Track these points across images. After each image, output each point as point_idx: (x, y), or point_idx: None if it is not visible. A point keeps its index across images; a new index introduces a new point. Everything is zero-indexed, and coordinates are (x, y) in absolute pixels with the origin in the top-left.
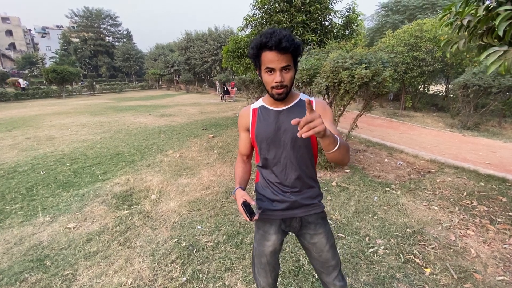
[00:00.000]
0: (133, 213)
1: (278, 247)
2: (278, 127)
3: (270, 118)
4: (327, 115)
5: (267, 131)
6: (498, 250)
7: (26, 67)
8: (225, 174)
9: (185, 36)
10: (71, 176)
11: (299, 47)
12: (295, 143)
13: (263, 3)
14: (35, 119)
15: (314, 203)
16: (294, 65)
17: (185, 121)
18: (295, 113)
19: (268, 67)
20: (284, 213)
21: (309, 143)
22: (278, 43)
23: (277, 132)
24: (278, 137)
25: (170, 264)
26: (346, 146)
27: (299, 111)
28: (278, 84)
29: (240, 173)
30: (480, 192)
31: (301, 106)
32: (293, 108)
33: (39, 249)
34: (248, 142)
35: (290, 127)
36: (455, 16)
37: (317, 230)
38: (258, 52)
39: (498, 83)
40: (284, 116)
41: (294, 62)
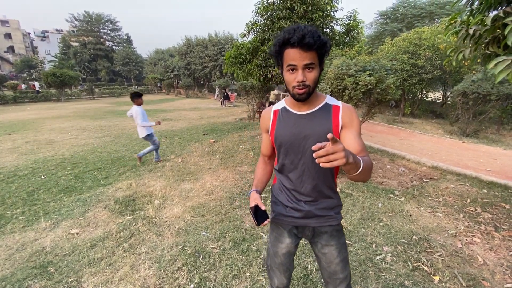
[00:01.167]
0: (136, 219)
1: (293, 250)
2: (298, 132)
3: (290, 122)
4: (354, 125)
5: (286, 135)
6: (504, 258)
7: (25, 70)
8: (228, 179)
9: (185, 41)
10: (72, 181)
11: (325, 44)
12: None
13: (266, 10)
14: (35, 123)
15: (329, 214)
16: (320, 64)
17: (186, 126)
18: (318, 119)
19: (290, 64)
20: (296, 221)
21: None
22: (301, 39)
23: (297, 137)
24: (297, 142)
25: (176, 271)
26: (368, 166)
27: (322, 116)
28: (300, 83)
29: (259, 174)
30: (484, 199)
31: (326, 110)
32: (316, 112)
33: (42, 255)
34: (269, 143)
35: (311, 133)
36: (460, 25)
37: (330, 241)
38: (280, 49)
39: (497, 91)
40: (306, 121)
41: (320, 60)
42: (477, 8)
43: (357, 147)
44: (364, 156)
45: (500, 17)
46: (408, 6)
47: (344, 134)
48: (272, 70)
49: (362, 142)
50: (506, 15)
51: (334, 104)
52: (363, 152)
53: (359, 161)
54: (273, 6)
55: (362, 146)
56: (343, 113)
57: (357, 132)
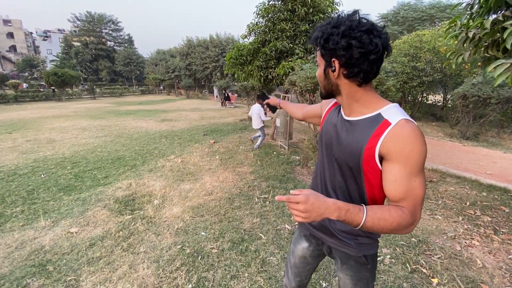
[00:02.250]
0: (136, 218)
1: (309, 258)
2: (333, 137)
3: (333, 122)
4: (402, 160)
5: (326, 134)
6: (503, 261)
7: (26, 69)
8: (227, 180)
9: (186, 42)
10: (72, 180)
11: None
12: (341, 165)
13: (267, 12)
14: (35, 122)
15: (347, 241)
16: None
17: (186, 126)
18: (357, 131)
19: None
20: (313, 231)
21: (359, 175)
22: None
23: (330, 142)
24: (329, 147)
25: (175, 271)
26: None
27: (363, 130)
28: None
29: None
30: (483, 202)
31: (372, 124)
32: (359, 123)
33: (41, 254)
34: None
35: (340, 145)
36: (460, 28)
37: (345, 270)
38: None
39: (497, 94)
40: (344, 128)
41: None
42: (476, 12)
43: (393, 192)
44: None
45: (500, 20)
46: (409, 9)
47: (385, 168)
48: (273, 72)
49: (407, 187)
50: (505, 18)
51: (386, 119)
52: (404, 202)
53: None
54: (274, 8)
55: (404, 194)
56: (388, 137)
57: (406, 172)
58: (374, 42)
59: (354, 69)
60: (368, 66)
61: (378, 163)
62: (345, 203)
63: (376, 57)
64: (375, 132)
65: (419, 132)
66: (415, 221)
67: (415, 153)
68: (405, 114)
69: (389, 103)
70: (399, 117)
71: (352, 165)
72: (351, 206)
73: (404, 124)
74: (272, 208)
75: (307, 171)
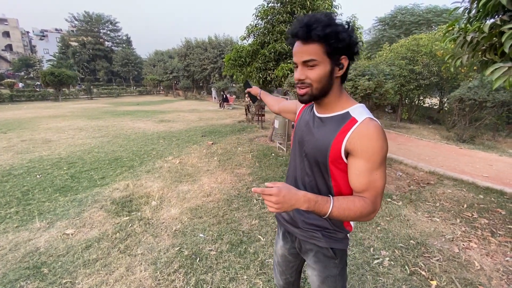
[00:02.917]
0: (133, 220)
1: (290, 257)
2: (305, 133)
3: (306, 119)
4: (365, 155)
5: (299, 131)
6: (501, 263)
7: (22, 69)
8: (226, 181)
9: (185, 43)
10: (68, 181)
11: (334, 35)
12: (310, 160)
13: (266, 14)
14: (31, 122)
15: (314, 233)
16: (332, 60)
17: (184, 127)
18: (327, 128)
19: (292, 61)
20: (286, 225)
21: (326, 170)
22: (298, 30)
23: (302, 138)
24: (301, 143)
25: (173, 273)
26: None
27: (332, 127)
28: (298, 81)
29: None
30: (480, 204)
31: (340, 121)
32: (330, 120)
33: (35, 256)
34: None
35: (311, 140)
36: (458, 32)
37: (313, 264)
38: (292, 42)
39: (493, 98)
40: (316, 124)
41: (331, 55)
42: (474, 16)
43: (356, 184)
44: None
45: (497, 25)
46: (406, 13)
47: (350, 163)
48: (271, 73)
49: (369, 180)
50: (503, 23)
51: (353, 117)
52: (366, 193)
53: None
54: (273, 10)
55: (366, 186)
56: (354, 134)
57: (368, 166)
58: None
59: (350, 65)
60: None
61: (344, 157)
62: (314, 195)
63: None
64: (342, 129)
65: (381, 130)
66: (376, 210)
67: (377, 150)
68: (370, 114)
69: (357, 103)
70: (364, 116)
71: (320, 160)
72: (320, 198)
73: (369, 122)
74: None
75: None
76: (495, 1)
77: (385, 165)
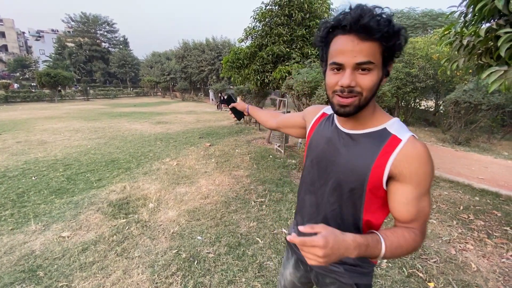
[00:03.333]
0: (130, 222)
1: (299, 285)
2: (330, 152)
3: (327, 134)
4: (415, 181)
5: (317, 149)
6: (497, 264)
7: (18, 69)
8: (223, 183)
9: (182, 45)
10: (64, 183)
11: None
12: (339, 185)
13: (264, 16)
14: (26, 123)
15: (335, 268)
16: (384, 65)
17: (182, 129)
18: (361, 147)
19: (334, 62)
20: (300, 254)
21: (360, 199)
22: (357, 20)
23: (326, 157)
24: (324, 164)
25: (170, 276)
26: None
27: (368, 146)
28: (344, 88)
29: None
30: (476, 206)
31: (378, 139)
32: (363, 137)
33: (31, 259)
34: (293, 122)
35: (342, 161)
36: (454, 36)
37: None
38: (327, 37)
39: (488, 101)
40: (344, 142)
41: (385, 59)
42: (470, 20)
43: (404, 214)
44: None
45: (493, 29)
46: (402, 16)
47: (395, 190)
48: (269, 76)
49: (417, 208)
50: (499, 27)
51: (395, 135)
52: (414, 223)
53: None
54: (271, 13)
55: (415, 215)
56: (400, 156)
57: (417, 193)
58: None
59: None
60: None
61: (384, 184)
62: (363, 237)
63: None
64: (383, 149)
65: (429, 152)
66: (424, 239)
67: (427, 174)
68: (409, 131)
69: (391, 117)
70: (407, 134)
71: (354, 186)
72: (370, 240)
73: (415, 142)
74: (269, 212)
75: None
76: (491, 5)
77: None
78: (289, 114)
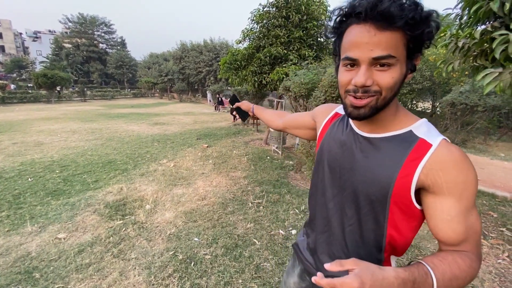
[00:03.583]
0: (127, 224)
1: None
2: (346, 158)
3: (340, 137)
4: (457, 193)
5: (330, 154)
6: (493, 265)
7: (15, 70)
8: (221, 184)
9: (180, 46)
10: (60, 184)
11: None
12: (357, 197)
13: (262, 18)
14: (23, 124)
15: None
16: (408, 59)
17: (179, 130)
18: (384, 152)
19: (347, 57)
20: (307, 265)
21: (383, 213)
22: (374, 5)
23: (340, 164)
24: (338, 170)
25: (167, 277)
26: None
27: (392, 152)
28: (358, 87)
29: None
30: None
31: (404, 144)
32: (386, 141)
33: (27, 261)
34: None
35: (361, 170)
36: (450, 38)
37: None
38: (340, 27)
39: (484, 102)
40: (361, 147)
41: (409, 51)
42: (466, 22)
43: (450, 234)
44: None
45: (488, 31)
46: None
47: (433, 205)
48: (267, 77)
49: (466, 226)
50: (494, 29)
51: (423, 139)
52: (466, 245)
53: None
54: (268, 15)
55: (465, 234)
56: (432, 163)
57: (462, 206)
58: None
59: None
60: None
61: (413, 196)
62: (408, 270)
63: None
64: (410, 155)
65: (467, 156)
66: (480, 263)
67: (470, 183)
68: (440, 133)
69: (418, 118)
70: (438, 137)
71: (376, 198)
72: (416, 274)
73: (450, 146)
74: (266, 213)
75: (301, 176)
76: (486, 7)
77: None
78: (296, 114)
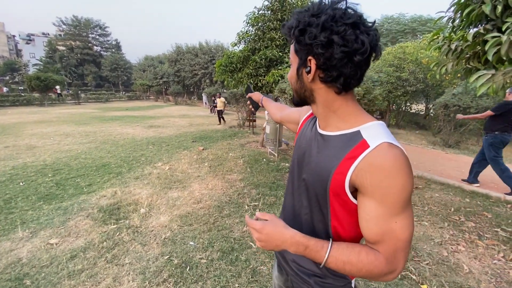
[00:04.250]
0: (121, 228)
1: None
2: (307, 153)
3: (307, 134)
4: (378, 195)
5: (299, 149)
6: (488, 266)
7: (7, 73)
8: (216, 187)
9: (175, 48)
10: (53, 188)
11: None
12: (308, 188)
13: (257, 21)
14: (15, 127)
15: (305, 278)
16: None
17: (174, 133)
18: (330, 149)
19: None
20: (278, 257)
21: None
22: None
23: (303, 158)
24: (301, 164)
25: (162, 283)
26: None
27: (336, 149)
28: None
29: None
30: (466, 208)
31: (348, 143)
32: (335, 139)
33: (18, 267)
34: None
35: (310, 164)
36: (443, 40)
37: None
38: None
39: (476, 104)
40: (316, 143)
41: (298, 52)
42: (458, 25)
43: (366, 233)
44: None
45: (481, 33)
46: (393, 22)
47: (360, 203)
48: (262, 79)
49: (383, 229)
50: (486, 32)
51: (364, 140)
52: (380, 246)
53: (317, 256)
54: (264, 17)
55: (379, 236)
56: (362, 164)
57: (383, 211)
58: (360, 39)
59: (333, 72)
60: (351, 69)
61: (349, 193)
62: (306, 238)
63: (362, 58)
64: (348, 154)
65: (403, 161)
66: (395, 270)
67: (396, 189)
68: (390, 136)
69: (373, 120)
70: (380, 139)
71: (318, 191)
72: (312, 242)
73: (386, 149)
74: None
75: None
76: (478, 10)
77: (410, 210)
78: (292, 109)
